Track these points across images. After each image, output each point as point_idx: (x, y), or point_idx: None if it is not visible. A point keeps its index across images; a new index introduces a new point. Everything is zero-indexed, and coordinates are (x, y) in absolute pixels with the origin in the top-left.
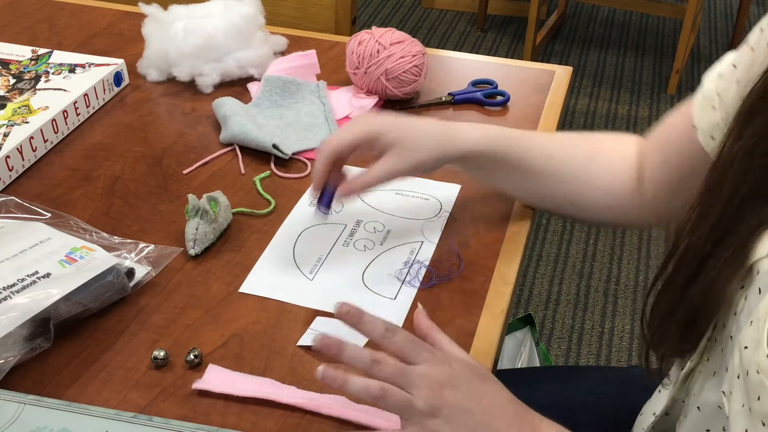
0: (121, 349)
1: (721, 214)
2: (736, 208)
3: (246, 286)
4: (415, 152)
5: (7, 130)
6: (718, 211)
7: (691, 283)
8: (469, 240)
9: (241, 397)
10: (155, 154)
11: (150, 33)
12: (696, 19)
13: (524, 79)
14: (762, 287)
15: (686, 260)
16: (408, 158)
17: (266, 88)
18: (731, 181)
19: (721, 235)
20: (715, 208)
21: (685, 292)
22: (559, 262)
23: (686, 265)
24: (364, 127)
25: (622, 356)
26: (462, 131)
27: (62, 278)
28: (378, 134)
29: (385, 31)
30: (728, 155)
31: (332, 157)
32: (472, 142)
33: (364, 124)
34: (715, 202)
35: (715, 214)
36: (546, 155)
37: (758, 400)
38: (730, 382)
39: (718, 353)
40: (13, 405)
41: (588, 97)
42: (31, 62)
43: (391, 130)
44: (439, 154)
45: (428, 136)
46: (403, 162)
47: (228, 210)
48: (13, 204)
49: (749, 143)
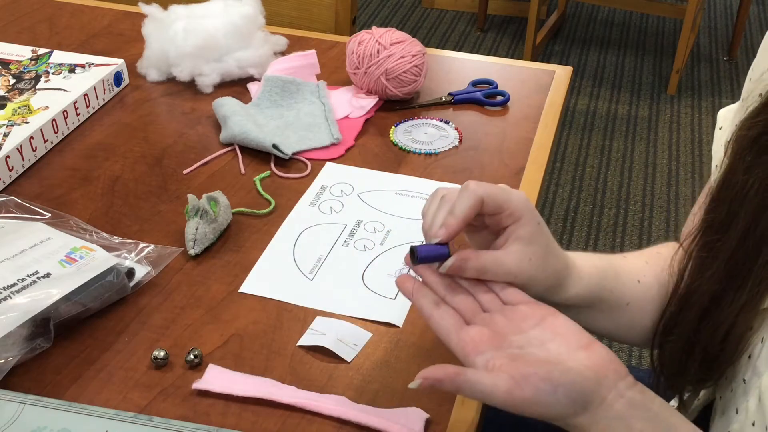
0: (121, 349)
1: (734, 253)
2: (752, 246)
3: (246, 286)
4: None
5: (7, 130)
6: (730, 250)
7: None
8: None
9: (241, 397)
10: (155, 154)
11: (150, 33)
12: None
13: (524, 79)
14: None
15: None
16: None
17: (266, 88)
18: (745, 217)
19: (734, 273)
20: (727, 246)
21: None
22: None
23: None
24: (519, 198)
25: (622, 356)
26: (571, 274)
27: (62, 278)
28: (518, 211)
29: (385, 31)
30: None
31: (479, 206)
32: (577, 289)
33: (519, 196)
34: (725, 240)
35: (728, 252)
36: (635, 281)
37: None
38: (741, 425)
39: (728, 392)
40: (13, 405)
41: (588, 97)
42: (31, 62)
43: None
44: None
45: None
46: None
47: (228, 210)
48: (13, 204)
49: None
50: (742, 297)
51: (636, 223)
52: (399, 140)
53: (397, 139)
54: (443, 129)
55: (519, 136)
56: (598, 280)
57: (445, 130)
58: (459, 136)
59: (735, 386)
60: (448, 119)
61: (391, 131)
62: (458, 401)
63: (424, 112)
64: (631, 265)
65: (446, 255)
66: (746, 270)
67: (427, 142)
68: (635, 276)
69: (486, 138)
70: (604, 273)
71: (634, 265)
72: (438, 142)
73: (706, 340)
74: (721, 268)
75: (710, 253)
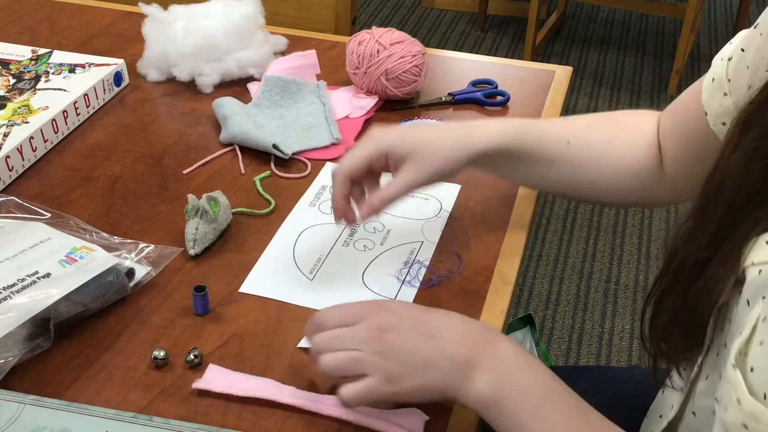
0: (121, 349)
1: (721, 222)
2: (735, 213)
3: (246, 286)
4: (432, 159)
5: (7, 130)
6: (718, 219)
7: (689, 289)
8: (469, 240)
9: (241, 397)
10: (155, 154)
11: (150, 33)
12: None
13: (524, 79)
14: (750, 299)
15: (685, 268)
16: (425, 167)
17: (266, 88)
18: (730, 188)
19: (719, 242)
20: (715, 217)
21: (685, 298)
22: (559, 262)
23: (685, 273)
24: (375, 143)
25: (622, 356)
26: (478, 129)
27: (62, 278)
28: (389, 149)
29: (385, 31)
30: (725, 164)
31: (347, 181)
32: (489, 138)
33: (374, 140)
34: (714, 211)
35: (715, 222)
36: (563, 142)
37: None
38: (722, 390)
39: (713, 358)
40: (13, 405)
41: (588, 97)
42: (31, 62)
43: (404, 142)
44: (458, 156)
45: (442, 141)
46: (420, 172)
47: (228, 210)
48: (13, 204)
49: (749, 148)
50: (722, 260)
51: (636, 223)
52: None
53: None
54: None
55: None
56: (512, 138)
57: None
58: None
59: (719, 351)
60: (448, 119)
61: None
62: (458, 403)
63: (424, 112)
64: (565, 128)
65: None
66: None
67: None
68: (565, 137)
69: None
70: (521, 132)
71: (569, 127)
72: None
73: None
74: (707, 238)
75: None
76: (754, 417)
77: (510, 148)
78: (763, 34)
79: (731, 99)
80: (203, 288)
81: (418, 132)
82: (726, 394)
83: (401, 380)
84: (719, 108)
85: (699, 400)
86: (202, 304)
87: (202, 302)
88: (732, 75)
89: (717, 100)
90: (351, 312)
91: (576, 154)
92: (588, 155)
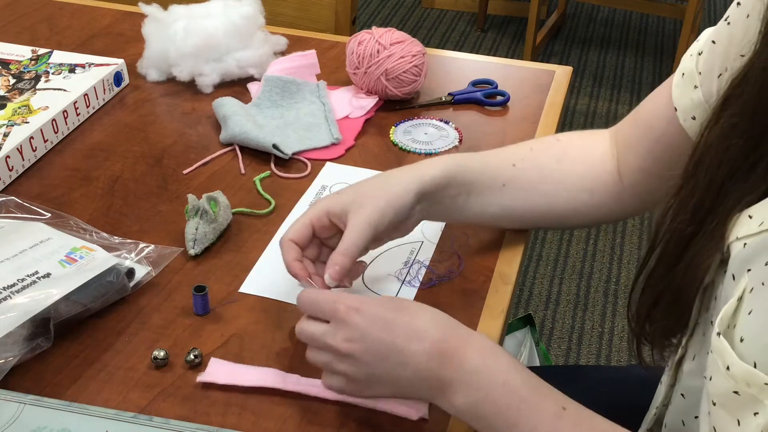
0: (121, 349)
1: (702, 197)
2: (717, 189)
3: (246, 286)
4: (376, 197)
5: (7, 130)
6: (699, 194)
7: (674, 267)
8: (469, 240)
9: (241, 397)
10: (155, 154)
11: (150, 33)
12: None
13: (524, 79)
14: (735, 273)
15: (670, 246)
16: (369, 207)
17: (266, 88)
18: (711, 163)
19: (702, 217)
20: (697, 192)
21: (670, 277)
22: (559, 262)
23: (670, 251)
24: (313, 208)
25: (622, 356)
26: (421, 164)
27: (62, 278)
28: (326, 208)
29: (385, 31)
30: (707, 139)
31: (292, 246)
32: (435, 167)
33: (313, 206)
34: (696, 186)
35: (697, 197)
36: (509, 165)
37: (710, 380)
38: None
39: (700, 338)
40: (13, 405)
41: (588, 97)
42: (31, 62)
43: (340, 196)
44: (404, 188)
45: (385, 180)
46: (365, 213)
47: (228, 210)
48: (13, 204)
49: (728, 124)
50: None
51: (636, 223)
52: (399, 140)
53: (397, 139)
54: (443, 129)
55: (519, 136)
56: (457, 166)
57: (445, 130)
58: (459, 136)
59: (706, 330)
60: (448, 119)
61: (391, 131)
62: None
63: (424, 112)
64: (508, 153)
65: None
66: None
67: (427, 142)
68: (510, 161)
69: (486, 138)
70: (465, 160)
71: (512, 152)
72: (438, 142)
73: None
74: (689, 212)
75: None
76: (745, 381)
77: (458, 177)
78: (731, 23)
79: (701, 91)
80: (203, 288)
81: (358, 182)
82: (712, 365)
83: (370, 388)
84: (689, 102)
85: (686, 381)
86: (202, 304)
87: (202, 302)
88: (702, 67)
89: (688, 94)
90: (324, 310)
91: (525, 175)
92: (537, 175)
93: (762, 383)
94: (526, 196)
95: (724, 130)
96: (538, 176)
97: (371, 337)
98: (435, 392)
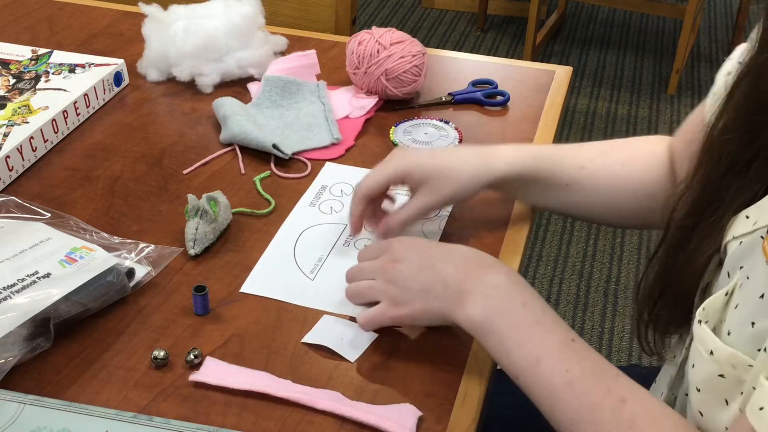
0: (121, 349)
1: (702, 190)
2: (717, 183)
3: (246, 286)
4: (449, 185)
5: (7, 130)
6: (700, 187)
7: (674, 256)
8: (469, 240)
9: (241, 397)
10: (155, 154)
11: (150, 33)
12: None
13: (524, 79)
14: (730, 270)
15: (673, 236)
16: (441, 191)
17: (266, 88)
18: (712, 157)
19: (702, 209)
20: (699, 183)
21: (670, 269)
22: (559, 262)
23: (673, 241)
24: (396, 166)
25: (622, 356)
26: (496, 155)
27: (62, 278)
28: (409, 172)
29: (385, 31)
30: (710, 135)
31: (366, 200)
32: (505, 165)
33: (396, 162)
34: (698, 177)
35: (698, 189)
36: (577, 167)
37: (692, 368)
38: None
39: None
40: (13, 405)
41: (588, 97)
42: (31, 62)
43: (423, 166)
44: (475, 182)
45: (461, 167)
46: (435, 196)
47: (228, 210)
48: (13, 204)
49: (728, 119)
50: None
51: None
52: (399, 140)
53: (397, 139)
54: (443, 129)
55: (519, 136)
56: (529, 164)
57: (445, 130)
58: (459, 136)
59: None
60: (448, 119)
61: (391, 131)
62: (458, 401)
63: (424, 112)
64: (579, 154)
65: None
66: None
67: (427, 142)
68: (579, 163)
69: (486, 138)
70: (537, 158)
71: (583, 153)
72: (438, 142)
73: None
74: (690, 203)
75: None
76: (730, 364)
77: (526, 174)
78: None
79: None
80: (203, 288)
81: (438, 157)
82: (694, 352)
83: (405, 304)
84: None
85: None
86: (202, 304)
87: (202, 302)
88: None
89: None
90: (377, 247)
91: (590, 179)
92: (602, 179)
93: (746, 365)
94: (587, 197)
95: (725, 124)
96: (603, 180)
97: (411, 257)
98: (456, 304)
